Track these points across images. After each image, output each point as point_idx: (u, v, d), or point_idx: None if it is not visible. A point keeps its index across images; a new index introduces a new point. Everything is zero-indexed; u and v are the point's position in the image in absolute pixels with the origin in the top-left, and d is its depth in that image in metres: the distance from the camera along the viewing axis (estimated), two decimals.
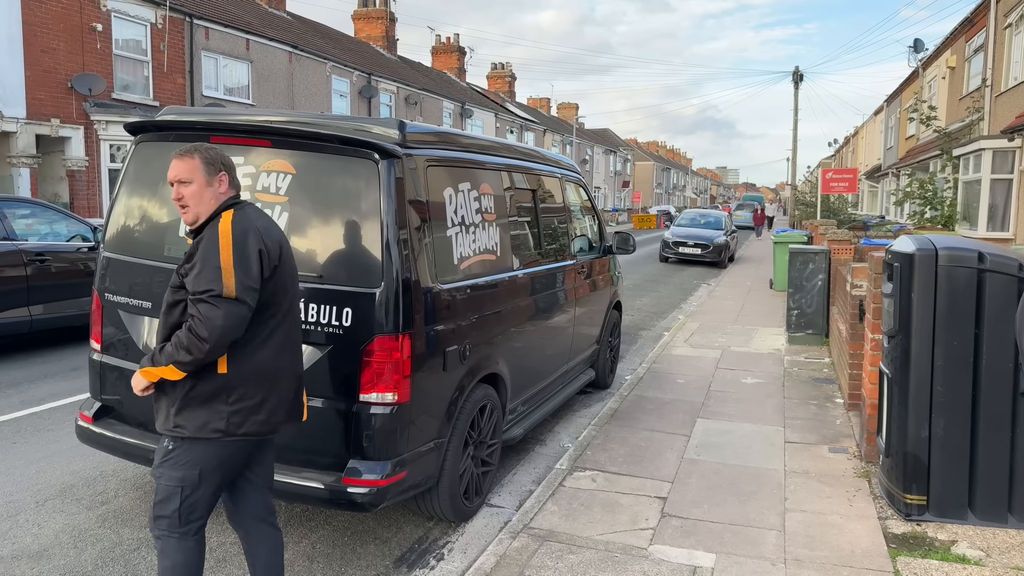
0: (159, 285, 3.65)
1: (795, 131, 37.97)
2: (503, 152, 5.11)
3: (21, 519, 4.13)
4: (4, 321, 7.61)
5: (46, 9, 15.91)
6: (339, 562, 3.81)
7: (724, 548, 3.88)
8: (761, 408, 6.53)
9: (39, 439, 5.40)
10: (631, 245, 7.55)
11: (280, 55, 23.13)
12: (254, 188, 3.68)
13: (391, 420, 3.49)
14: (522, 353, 4.97)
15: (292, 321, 2.86)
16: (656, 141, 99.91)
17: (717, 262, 21.38)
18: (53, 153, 16.61)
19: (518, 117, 43.44)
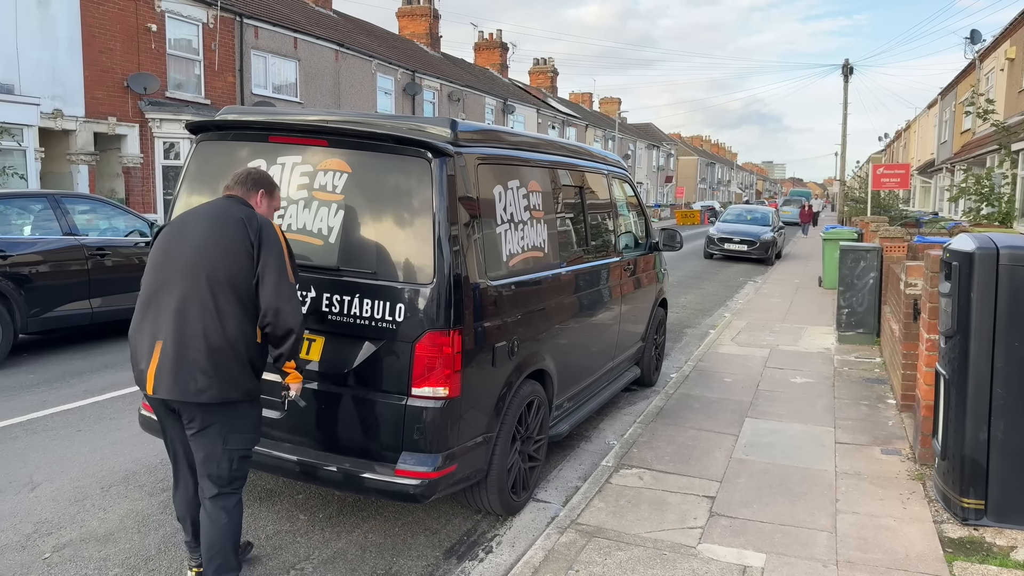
0: None
1: (844, 125, 37.14)
2: (550, 149, 5.12)
3: (88, 504, 4.30)
4: (67, 313, 7.91)
5: (104, 11, 16.42)
6: (390, 552, 3.89)
7: (774, 548, 3.85)
8: (811, 408, 6.44)
9: (102, 427, 5.61)
10: (678, 242, 7.50)
11: (327, 53, 23.47)
12: (311, 187, 3.77)
13: (442, 414, 3.55)
14: (568, 349, 4.99)
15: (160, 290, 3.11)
16: (700, 135, 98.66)
17: (764, 259, 21.04)
18: (110, 150, 17.14)
19: (560, 112, 43.32)
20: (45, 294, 7.69)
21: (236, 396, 3.04)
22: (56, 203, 8.21)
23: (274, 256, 3.08)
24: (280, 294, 3.03)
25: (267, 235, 3.12)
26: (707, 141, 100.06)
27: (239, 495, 3.20)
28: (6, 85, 14.42)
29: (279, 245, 3.13)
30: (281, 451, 3.79)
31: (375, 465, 3.60)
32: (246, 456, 3.20)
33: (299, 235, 3.77)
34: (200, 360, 2.95)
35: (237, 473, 3.17)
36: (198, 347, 2.96)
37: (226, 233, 3.09)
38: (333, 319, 3.68)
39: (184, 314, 2.99)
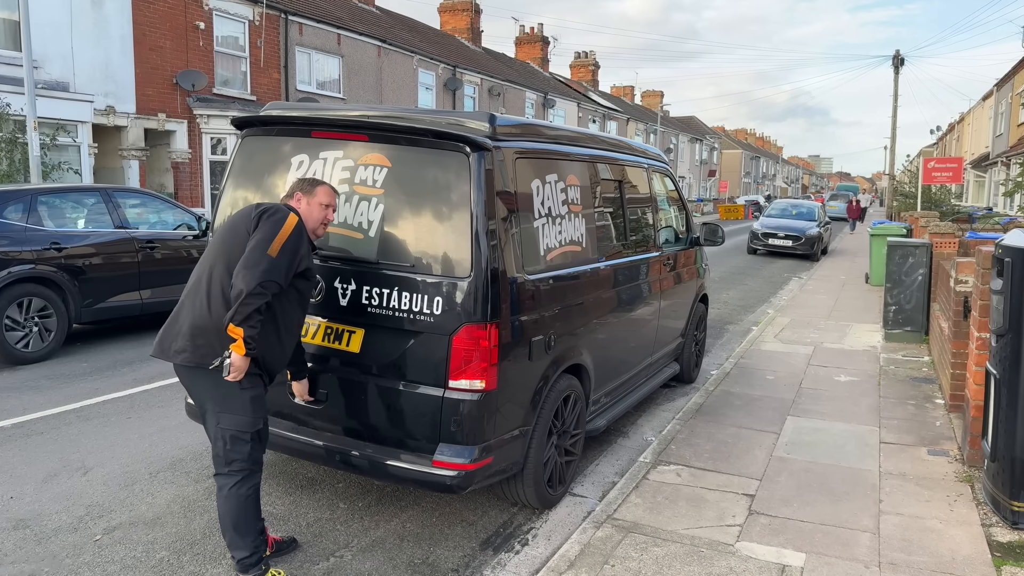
0: None
1: (894, 118, 36.16)
2: (589, 143, 5.10)
3: (136, 488, 4.44)
4: (118, 304, 8.16)
5: (154, 9, 16.83)
6: (427, 542, 3.93)
7: (814, 548, 3.79)
8: (855, 407, 6.31)
9: (150, 415, 5.78)
10: (719, 237, 7.40)
11: (369, 49, 23.69)
12: (352, 181, 3.82)
13: (478, 407, 3.57)
14: (606, 344, 4.97)
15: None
16: (745, 129, 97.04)
17: (809, 255, 20.63)
18: (160, 146, 17.59)
19: (601, 106, 43.05)
20: (98, 285, 7.94)
21: (214, 363, 3.18)
22: (108, 197, 8.47)
23: (263, 231, 3.19)
24: (248, 260, 3.12)
25: (268, 217, 3.25)
26: (752, 135, 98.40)
27: (239, 478, 3.26)
28: (62, 83, 14.90)
29: (276, 226, 3.20)
30: (322, 440, 3.86)
31: (413, 456, 3.64)
32: (240, 439, 3.25)
33: (340, 228, 3.83)
34: (184, 328, 3.23)
35: (233, 455, 3.25)
36: (187, 320, 3.24)
37: (236, 220, 3.35)
38: (372, 311, 3.73)
39: (188, 295, 3.32)
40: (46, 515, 4.07)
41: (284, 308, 3.34)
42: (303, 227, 3.34)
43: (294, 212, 3.35)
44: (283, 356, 3.49)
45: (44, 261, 7.46)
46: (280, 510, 4.20)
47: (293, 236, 3.24)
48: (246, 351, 3.13)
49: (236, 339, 3.11)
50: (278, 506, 4.25)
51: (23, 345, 7.25)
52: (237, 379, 3.17)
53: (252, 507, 3.31)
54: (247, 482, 3.28)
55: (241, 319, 3.08)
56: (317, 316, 3.88)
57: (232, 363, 3.13)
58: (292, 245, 3.22)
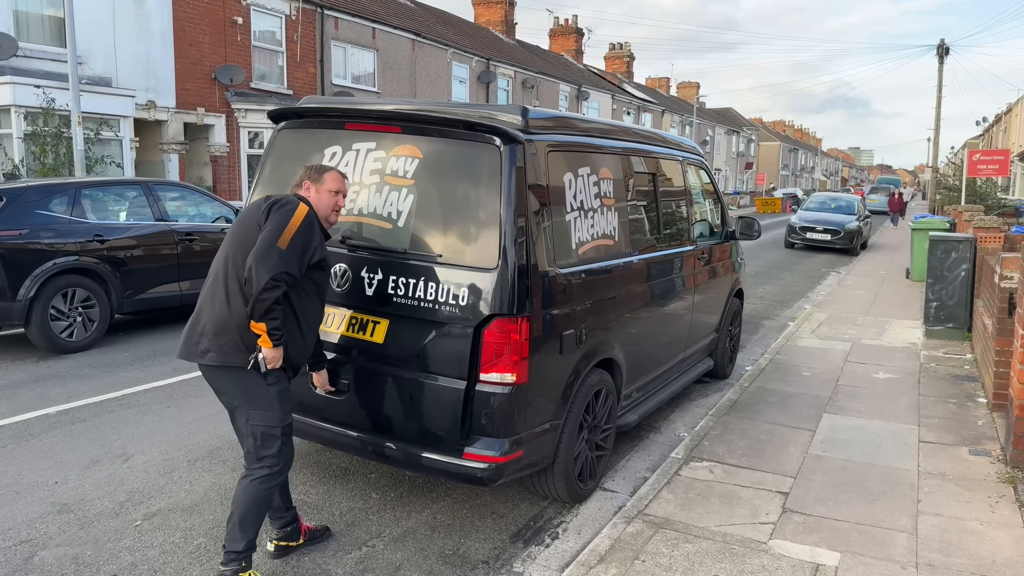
0: None
1: (938, 109, 35.25)
2: (623, 135, 5.06)
3: (175, 476, 4.54)
4: (158, 295, 8.33)
5: (193, 5, 17.10)
6: (458, 533, 3.96)
7: (850, 548, 3.73)
8: (893, 405, 6.18)
9: (189, 404, 5.91)
10: (755, 231, 7.29)
11: (404, 43, 23.79)
12: (383, 172, 3.84)
13: (509, 400, 3.58)
14: (638, 339, 4.94)
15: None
16: (783, 120, 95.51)
17: (848, 249, 20.24)
18: (198, 140, 17.90)
19: (636, 98, 42.68)
20: (138, 277, 8.12)
21: (239, 363, 3.18)
22: (149, 190, 8.65)
23: (273, 223, 3.16)
24: (258, 254, 3.08)
25: (278, 209, 3.22)
26: (790, 126, 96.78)
27: (266, 472, 3.26)
28: (105, 79, 15.24)
29: (285, 217, 3.17)
30: (355, 431, 3.91)
31: (444, 448, 3.66)
32: (270, 435, 3.26)
33: (369, 219, 3.86)
34: (207, 328, 3.22)
35: (264, 451, 3.26)
36: (209, 318, 3.23)
37: (248, 214, 3.34)
38: (398, 302, 3.73)
39: (207, 292, 3.30)
40: (89, 500, 4.19)
41: (301, 300, 3.32)
42: (314, 217, 3.29)
43: (304, 202, 3.32)
44: (305, 349, 3.47)
45: (87, 253, 7.65)
46: (314, 499, 4.27)
47: (303, 227, 3.20)
48: (274, 343, 3.14)
49: (261, 334, 3.12)
50: (312, 495, 4.31)
51: (67, 335, 7.45)
52: (275, 367, 3.20)
53: (265, 506, 3.32)
54: (272, 480, 3.29)
55: (261, 314, 3.08)
56: (343, 307, 3.91)
57: (264, 357, 3.16)
58: (303, 236, 3.19)
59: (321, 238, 3.33)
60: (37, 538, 3.76)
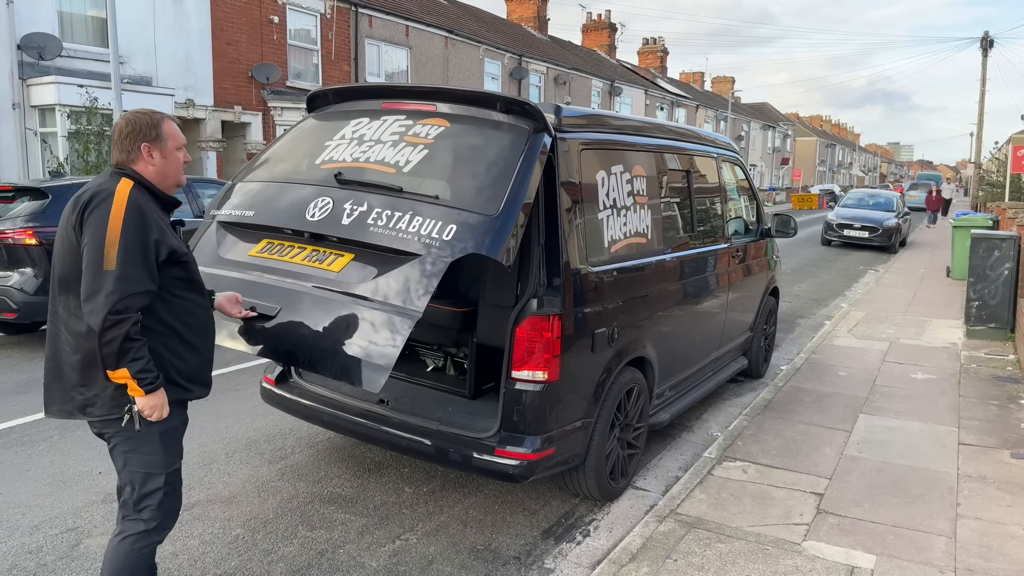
0: None
1: (981, 103, 34.37)
2: (657, 133, 5.03)
3: (214, 468, 4.64)
4: None
5: (231, 4, 17.38)
6: (490, 528, 3.99)
7: (885, 550, 3.68)
8: (932, 406, 6.07)
9: (227, 398, 6.02)
10: (791, 228, 7.20)
11: (437, 40, 23.90)
12: (405, 133, 3.78)
13: (541, 398, 3.59)
14: (671, 338, 4.92)
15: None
16: (820, 115, 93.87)
17: (886, 247, 19.85)
18: (236, 137, 18.20)
19: (669, 93, 42.31)
20: None
21: (118, 414, 2.59)
22: (188, 187, 8.82)
23: (90, 235, 2.49)
24: (86, 288, 2.45)
25: (91, 210, 2.52)
26: (827, 121, 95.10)
27: (142, 529, 2.67)
28: (145, 77, 15.56)
29: (101, 223, 2.48)
30: (390, 426, 3.96)
31: (477, 444, 3.69)
32: (151, 484, 2.67)
33: (376, 165, 3.66)
34: (72, 379, 2.62)
35: (143, 502, 2.68)
36: (67, 367, 2.62)
37: (63, 223, 2.63)
38: (375, 231, 3.49)
39: (51, 335, 2.67)
40: None
41: (172, 308, 2.65)
42: (139, 198, 2.56)
43: (126, 178, 2.60)
44: (201, 356, 2.80)
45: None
46: (349, 492, 4.33)
47: (128, 222, 2.49)
48: (146, 389, 2.51)
49: (126, 382, 2.50)
50: (347, 488, 4.38)
51: None
52: (162, 418, 2.60)
53: (141, 571, 2.70)
54: (149, 537, 2.70)
55: (115, 360, 2.45)
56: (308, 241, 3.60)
57: (141, 409, 2.55)
58: (134, 235, 2.49)
59: (161, 222, 2.62)
60: (83, 526, 3.88)
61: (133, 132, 2.66)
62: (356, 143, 3.87)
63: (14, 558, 3.56)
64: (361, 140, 3.86)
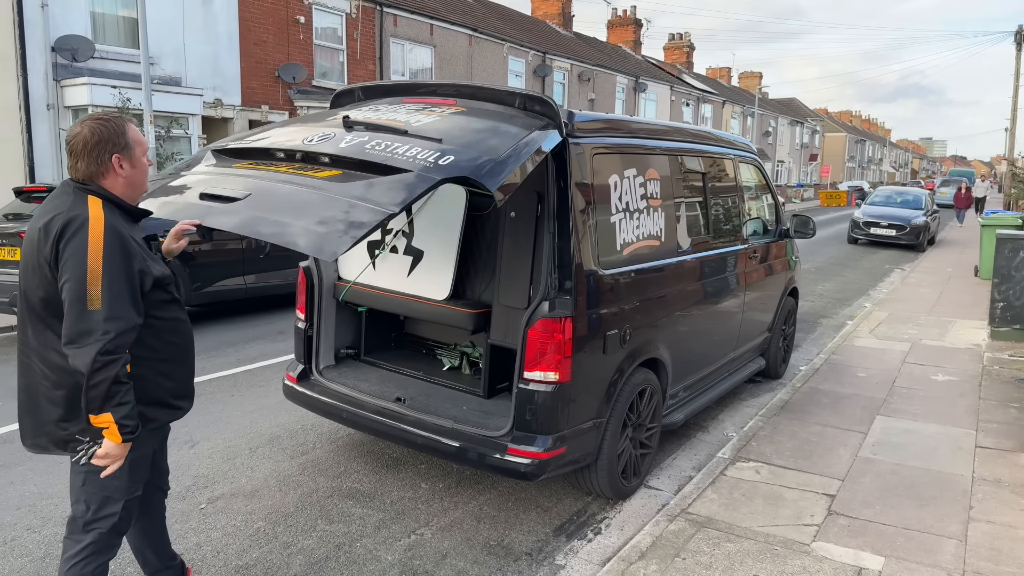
0: None
1: (1015, 98, 33.66)
2: (671, 136, 5.06)
3: (237, 462, 4.79)
4: (224, 288, 8.70)
5: (258, 5, 17.63)
6: (503, 524, 4.08)
7: (895, 552, 3.71)
8: (951, 408, 6.04)
9: (252, 393, 6.19)
10: (811, 229, 7.18)
11: (461, 38, 24.00)
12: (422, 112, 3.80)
13: (552, 398, 3.67)
14: (685, 339, 4.96)
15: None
16: (850, 111, 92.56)
17: (914, 245, 19.59)
18: None
19: (695, 89, 42.00)
20: (205, 271, 8.50)
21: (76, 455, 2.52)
22: None
23: (69, 271, 2.34)
24: (70, 331, 2.33)
25: (67, 241, 2.35)
26: (857, 116, 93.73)
27: (89, 552, 2.55)
28: (175, 78, 15.86)
29: (80, 255, 2.34)
30: (405, 423, 4.07)
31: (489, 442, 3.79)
32: (108, 507, 2.57)
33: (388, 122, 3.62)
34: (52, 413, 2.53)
35: (95, 524, 2.56)
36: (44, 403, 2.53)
37: (28, 253, 2.46)
38: (369, 151, 3.43)
39: (23, 367, 2.57)
40: None
41: (157, 329, 2.60)
42: (116, 226, 2.42)
43: (93, 196, 2.44)
44: (187, 371, 2.80)
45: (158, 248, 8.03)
46: (367, 488, 4.45)
47: (109, 251, 2.36)
48: (124, 436, 2.40)
49: (108, 426, 2.38)
50: (365, 484, 4.50)
51: None
52: (114, 470, 2.48)
53: None
54: (98, 558, 2.58)
55: (99, 404, 2.34)
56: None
57: (106, 453, 2.44)
58: (116, 270, 2.37)
59: (139, 247, 2.52)
60: None
61: (101, 142, 2.46)
62: (370, 111, 3.90)
63: (47, 547, 3.72)
64: (374, 110, 3.93)
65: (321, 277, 4.69)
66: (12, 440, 5.08)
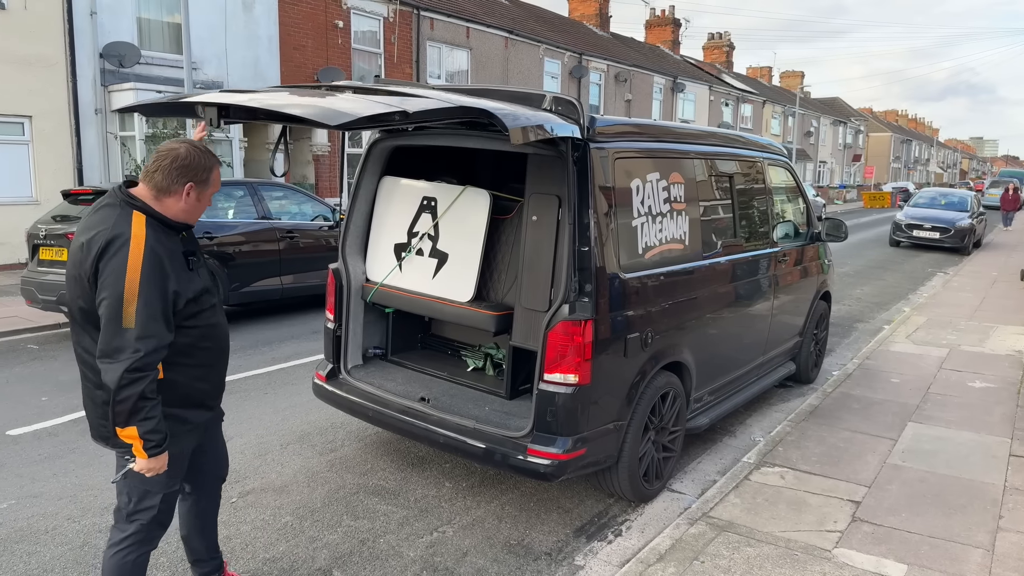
0: None
1: None
2: (697, 139, 5.07)
3: (268, 458, 4.93)
4: (261, 289, 8.92)
5: (298, 10, 17.97)
6: (524, 524, 4.14)
7: (918, 560, 3.67)
8: (986, 416, 5.91)
9: (285, 391, 6.34)
10: (843, 232, 7.09)
11: (497, 41, 24.11)
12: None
13: (572, 400, 3.72)
14: (709, 342, 4.95)
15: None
16: (895, 110, 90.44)
17: (959, 248, 19.11)
18: (302, 140, 18.79)
19: (735, 89, 41.50)
20: (244, 271, 8.72)
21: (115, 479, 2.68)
22: (254, 190, 9.25)
23: (106, 291, 2.44)
24: (102, 346, 2.44)
25: (107, 260, 2.45)
26: (903, 116, 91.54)
27: (132, 542, 2.72)
28: (217, 82, 16.24)
29: (118, 276, 2.43)
30: (429, 423, 4.15)
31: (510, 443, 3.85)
32: (147, 499, 2.70)
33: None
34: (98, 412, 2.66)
35: (136, 514, 2.71)
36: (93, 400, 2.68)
37: (72, 266, 2.58)
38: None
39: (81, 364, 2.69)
40: None
41: (193, 335, 2.67)
42: (155, 246, 2.50)
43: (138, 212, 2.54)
44: (221, 373, 2.90)
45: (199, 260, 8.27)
46: (392, 485, 4.54)
47: (147, 274, 2.45)
48: (149, 453, 2.50)
49: (132, 442, 2.49)
50: (391, 481, 4.59)
51: None
52: (158, 473, 2.62)
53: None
54: (139, 548, 2.74)
55: (125, 419, 2.44)
56: None
57: (139, 469, 2.57)
58: (151, 290, 2.45)
59: (177, 266, 2.59)
60: None
61: (188, 167, 2.61)
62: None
63: (85, 536, 3.89)
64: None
65: (350, 279, 4.80)
66: (57, 433, 5.31)
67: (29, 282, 8.06)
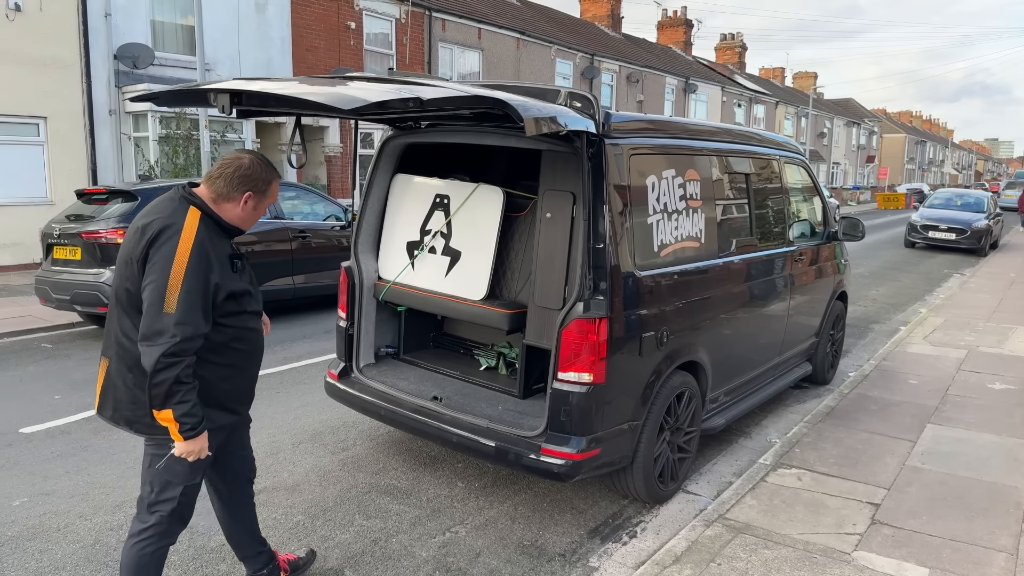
0: None
1: None
2: (713, 136, 5.01)
3: (280, 457, 4.90)
4: (273, 288, 8.91)
5: (310, 11, 18.01)
6: (537, 525, 4.09)
7: (940, 564, 3.60)
8: (1007, 417, 5.81)
9: (297, 391, 6.32)
10: (859, 231, 7.00)
11: (508, 42, 24.09)
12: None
13: (586, 399, 3.67)
14: (726, 342, 4.89)
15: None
16: (910, 111, 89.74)
17: (975, 249, 18.91)
18: (314, 141, 18.84)
19: (747, 90, 41.30)
20: (256, 271, 8.56)
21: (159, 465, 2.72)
22: None
23: (154, 274, 2.54)
24: (144, 327, 2.53)
25: (159, 246, 2.57)
26: (917, 117, 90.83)
27: (151, 533, 2.75)
28: None
29: (166, 263, 2.54)
30: (442, 422, 4.11)
31: (523, 442, 3.80)
32: (171, 488, 2.74)
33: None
34: (127, 397, 2.72)
35: (158, 505, 2.75)
36: (119, 383, 2.72)
37: (125, 247, 2.69)
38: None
39: (107, 346, 2.77)
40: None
41: (225, 334, 2.73)
42: (204, 240, 2.61)
43: (194, 207, 2.66)
44: (250, 378, 2.94)
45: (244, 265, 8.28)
46: (404, 484, 4.51)
47: (192, 266, 2.55)
48: (185, 436, 2.58)
49: (168, 425, 2.57)
50: (403, 481, 4.56)
51: None
52: (200, 458, 2.70)
53: (152, 572, 2.80)
54: (159, 541, 2.78)
55: (161, 401, 2.52)
56: None
57: (179, 453, 2.65)
58: (194, 280, 2.55)
59: (223, 262, 2.68)
60: None
61: (249, 177, 2.73)
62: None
63: (97, 534, 3.87)
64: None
65: (362, 277, 4.77)
66: (69, 431, 5.31)
67: (43, 281, 8.09)
